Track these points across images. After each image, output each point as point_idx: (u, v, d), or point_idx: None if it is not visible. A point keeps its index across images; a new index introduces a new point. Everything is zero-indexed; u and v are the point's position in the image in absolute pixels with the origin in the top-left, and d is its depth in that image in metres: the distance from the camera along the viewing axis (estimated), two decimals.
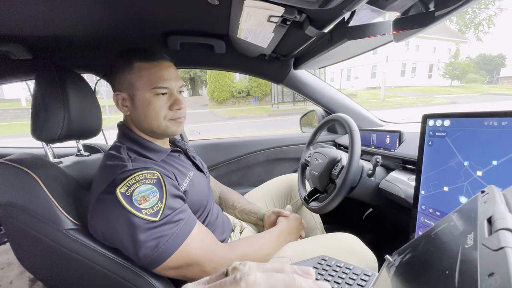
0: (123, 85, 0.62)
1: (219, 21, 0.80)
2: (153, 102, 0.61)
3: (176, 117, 0.64)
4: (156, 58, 0.62)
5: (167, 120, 0.64)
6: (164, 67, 0.63)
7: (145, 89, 0.61)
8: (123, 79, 0.62)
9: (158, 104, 0.62)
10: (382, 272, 0.40)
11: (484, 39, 21.84)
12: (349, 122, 0.80)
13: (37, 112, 0.61)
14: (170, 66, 0.64)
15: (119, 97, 0.63)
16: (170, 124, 0.64)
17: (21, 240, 0.54)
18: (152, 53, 0.63)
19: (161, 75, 0.61)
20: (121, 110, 0.65)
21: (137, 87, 0.61)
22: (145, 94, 0.61)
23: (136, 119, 0.64)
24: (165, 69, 0.63)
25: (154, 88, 0.61)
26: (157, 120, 0.63)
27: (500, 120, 0.43)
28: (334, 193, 0.77)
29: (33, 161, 0.56)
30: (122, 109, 0.65)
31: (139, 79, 0.61)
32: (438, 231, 0.33)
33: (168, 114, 0.64)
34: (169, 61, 0.65)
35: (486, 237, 0.22)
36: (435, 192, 0.53)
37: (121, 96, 0.63)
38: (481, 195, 0.31)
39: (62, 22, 0.70)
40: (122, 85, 0.63)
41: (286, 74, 1.17)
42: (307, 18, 0.65)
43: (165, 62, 0.64)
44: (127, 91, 0.62)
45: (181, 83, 0.66)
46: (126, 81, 0.62)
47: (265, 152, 1.34)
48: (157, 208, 0.52)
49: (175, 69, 0.66)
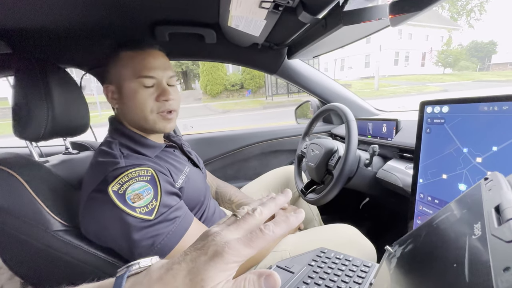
0: (111, 77, 0.60)
1: (208, 9, 0.76)
2: (138, 92, 0.58)
3: (164, 109, 0.60)
4: (143, 46, 0.59)
5: (154, 113, 0.60)
6: (151, 55, 0.59)
7: (131, 79, 0.58)
8: (111, 71, 0.60)
9: (143, 95, 0.58)
10: (383, 263, 0.39)
11: (476, 26, 21.98)
12: (345, 112, 0.79)
13: (18, 110, 0.58)
14: (158, 55, 0.61)
15: (109, 89, 0.61)
16: (158, 119, 0.61)
17: (7, 244, 0.51)
18: (139, 41, 0.60)
19: (146, 63, 0.58)
20: (111, 103, 0.63)
21: (123, 77, 0.58)
22: (131, 84, 0.58)
23: (125, 112, 0.62)
24: (152, 57, 0.59)
25: (139, 77, 0.58)
26: (143, 113, 0.59)
27: (500, 104, 0.42)
28: (332, 184, 0.76)
29: (15, 161, 0.54)
30: (112, 102, 0.62)
31: (125, 68, 0.58)
32: (440, 220, 0.32)
33: (155, 106, 0.60)
34: (158, 50, 0.62)
35: (496, 227, 0.20)
36: (434, 180, 0.52)
37: (111, 89, 0.61)
38: (485, 182, 0.30)
39: (44, 14, 0.66)
40: (110, 77, 0.60)
41: (279, 64, 1.14)
42: (300, 3, 0.62)
43: (152, 51, 0.60)
44: (115, 83, 0.60)
45: (170, 73, 0.62)
46: (114, 72, 0.59)
47: (260, 144, 1.33)
48: (151, 206, 0.50)
49: (164, 58, 0.62)
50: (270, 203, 0.27)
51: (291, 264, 0.49)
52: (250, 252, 0.22)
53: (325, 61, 24.12)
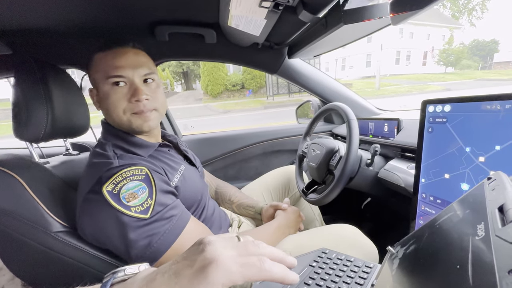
0: (92, 80, 0.61)
1: (208, 9, 0.76)
2: (110, 94, 0.57)
3: (137, 110, 0.57)
4: (113, 46, 0.58)
5: (128, 114, 0.58)
6: (120, 54, 0.57)
7: (103, 80, 0.57)
8: (90, 73, 0.61)
9: (115, 97, 0.57)
10: (385, 264, 0.39)
11: (477, 24, 21.86)
12: (346, 111, 0.78)
13: (18, 111, 0.58)
14: (128, 52, 0.58)
15: (93, 93, 0.62)
16: (133, 118, 0.58)
17: (8, 245, 0.51)
18: (112, 41, 0.59)
19: (114, 63, 0.56)
20: (95, 106, 0.63)
21: (98, 79, 0.58)
22: (104, 87, 0.57)
23: (106, 115, 0.62)
24: (120, 56, 0.57)
25: (108, 77, 0.56)
26: (117, 114, 0.58)
27: (503, 103, 0.42)
28: (333, 184, 0.76)
29: (16, 162, 0.54)
30: (95, 105, 0.63)
31: (98, 70, 0.58)
32: (442, 221, 0.31)
33: (128, 107, 0.57)
34: (131, 47, 0.59)
35: (499, 228, 0.20)
36: (436, 180, 0.52)
37: (94, 92, 0.62)
38: (488, 182, 0.29)
39: (43, 15, 0.66)
40: (91, 80, 0.61)
41: (280, 63, 1.14)
42: (300, 2, 0.62)
43: (122, 49, 0.58)
44: (95, 85, 0.61)
45: (145, 70, 0.59)
46: (92, 75, 0.60)
47: (261, 144, 1.32)
48: (147, 205, 0.50)
49: (136, 55, 0.59)
50: (279, 255, 0.25)
51: None
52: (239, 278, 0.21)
53: (326, 60, 24.09)
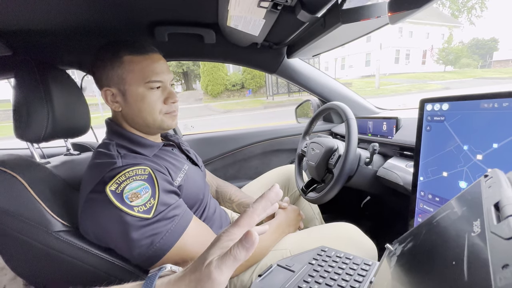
0: (112, 80, 0.59)
1: (207, 9, 0.76)
2: (147, 96, 0.60)
3: (171, 110, 0.64)
4: (147, 51, 0.60)
5: (162, 114, 0.63)
6: (155, 60, 0.61)
7: (138, 83, 0.59)
8: (111, 74, 0.59)
9: (153, 99, 0.60)
10: (383, 261, 0.39)
11: (477, 23, 21.85)
12: (345, 110, 0.78)
13: (18, 111, 0.59)
14: (160, 59, 0.63)
15: (108, 92, 0.61)
16: (165, 118, 0.63)
17: (9, 245, 0.52)
18: (141, 45, 0.61)
19: (153, 69, 0.60)
20: (111, 106, 0.62)
21: (129, 81, 0.58)
22: (138, 89, 0.59)
23: (129, 115, 0.62)
24: (157, 62, 0.61)
25: (148, 82, 0.59)
26: (152, 115, 0.61)
27: (501, 101, 0.42)
28: (332, 183, 0.76)
29: (17, 163, 0.54)
30: (113, 105, 0.62)
31: (130, 73, 0.58)
32: (440, 218, 0.32)
33: (164, 108, 0.63)
34: (159, 54, 0.64)
35: (495, 224, 0.20)
36: (434, 178, 0.52)
37: (110, 92, 0.60)
38: (484, 179, 0.30)
39: (43, 15, 0.66)
40: (111, 80, 0.60)
41: (279, 63, 1.14)
42: (298, 2, 0.62)
43: (155, 55, 0.62)
44: (117, 86, 0.59)
45: (172, 75, 0.65)
46: (116, 76, 0.59)
47: (261, 144, 1.33)
48: (149, 204, 0.50)
49: (165, 61, 0.64)
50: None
51: (291, 262, 0.49)
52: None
53: (326, 60, 24.08)
